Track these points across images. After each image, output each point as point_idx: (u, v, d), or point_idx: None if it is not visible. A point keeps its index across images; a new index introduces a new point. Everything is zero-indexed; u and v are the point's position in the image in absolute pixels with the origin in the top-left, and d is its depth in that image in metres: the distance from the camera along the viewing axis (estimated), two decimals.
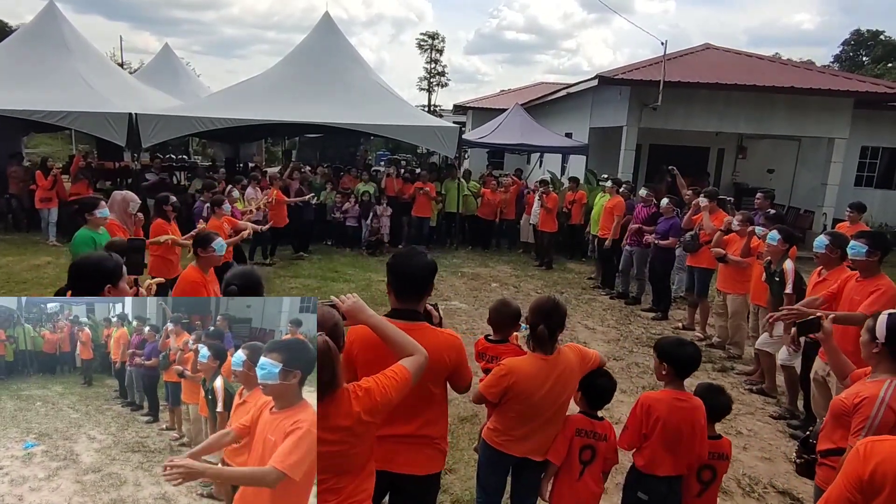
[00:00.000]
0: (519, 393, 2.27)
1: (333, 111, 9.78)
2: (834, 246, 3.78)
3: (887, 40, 29.58)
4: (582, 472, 2.39)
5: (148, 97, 11.38)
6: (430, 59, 43.50)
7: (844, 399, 2.19)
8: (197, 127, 9.42)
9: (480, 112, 20.63)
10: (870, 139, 13.09)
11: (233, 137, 15.22)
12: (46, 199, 9.13)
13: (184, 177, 13.81)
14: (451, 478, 3.35)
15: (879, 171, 13.68)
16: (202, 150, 24.35)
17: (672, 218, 6.55)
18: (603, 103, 12.32)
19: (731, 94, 10.85)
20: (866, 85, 11.59)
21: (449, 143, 9.88)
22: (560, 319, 2.30)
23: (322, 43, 10.89)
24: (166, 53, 16.46)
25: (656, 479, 2.34)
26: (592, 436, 2.39)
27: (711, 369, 5.30)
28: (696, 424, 2.33)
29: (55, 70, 9.85)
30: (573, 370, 2.32)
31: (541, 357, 2.28)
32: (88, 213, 4.10)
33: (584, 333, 6.17)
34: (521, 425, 2.35)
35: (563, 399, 2.35)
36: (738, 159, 14.42)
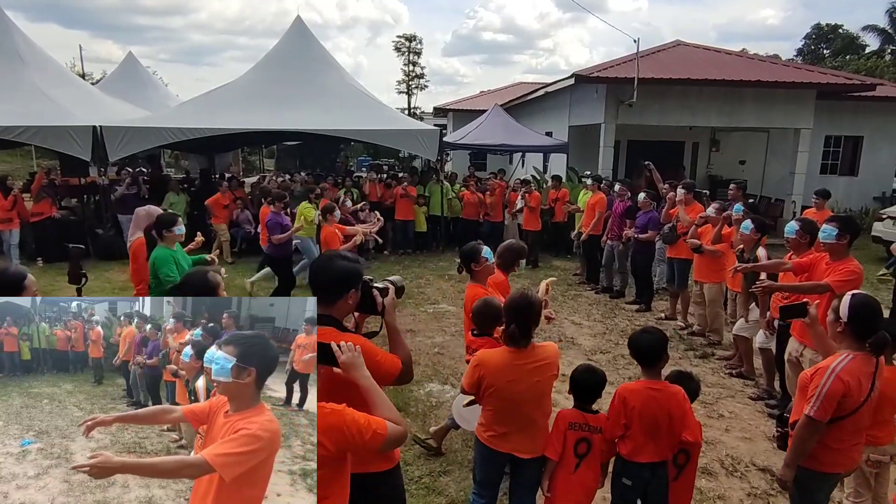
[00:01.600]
0: (491, 384, 2.37)
1: (311, 117, 9.69)
2: (804, 231, 3.96)
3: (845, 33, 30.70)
4: (578, 465, 2.46)
5: (113, 108, 11.02)
6: (409, 61, 43.46)
7: (806, 372, 2.34)
8: (168, 138, 9.16)
9: (461, 114, 20.75)
10: (832, 128, 13.61)
11: (207, 148, 14.89)
12: (6, 219, 8.63)
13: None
14: (446, 479, 3.38)
15: (842, 159, 14.23)
16: (175, 162, 23.93)
17: (650, 212, 6.76)
18: (581, 101, 12.56)
19: (702, 89, 11.17)
20: (827, 77, 12.09)
21: (430, 146, 9.92)
22: (533, 315, 2.37)
23: (295, 48, 10.76)
24: (130, 62, 15.88)
25: (639, 466, 2.43)
26: (586, 428, 2.47)
27: (693, 356, 5.49)
28: (673, 411, 2.40)
29: (9, 82, 9.37)
30: (550, 363, 2.39)
31: (513, 350, 2.37)
32: (166, 231, 4.04)
33: (570, 329, 6.32)
34: (502, 421, 2.43)
35: (541, 391, 2.40)
36: (712, 152, 14.83)
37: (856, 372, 2.23)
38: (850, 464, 2.35)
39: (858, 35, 29.65)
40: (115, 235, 9.53)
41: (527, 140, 11.84)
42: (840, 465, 2.34)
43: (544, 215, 9.38)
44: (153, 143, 9.43)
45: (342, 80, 11.03)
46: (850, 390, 2.21)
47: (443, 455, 3.63)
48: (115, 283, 7.98)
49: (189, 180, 14.05)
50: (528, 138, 11.91)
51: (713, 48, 14.10)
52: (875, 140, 13.86)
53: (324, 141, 14.64)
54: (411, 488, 3.32)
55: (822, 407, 2.21)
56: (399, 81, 44.31)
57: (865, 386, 2.24)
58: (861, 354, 2.25)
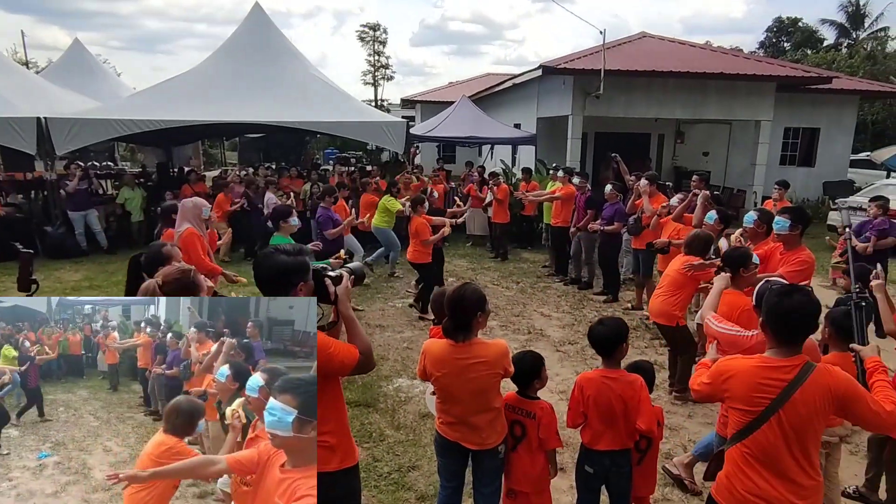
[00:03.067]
0: (432, 373, 2.44)
1: (272, 109, 9.38)
2: (761, 221, 4.08)
3: (805, 27, 31.69)
4: (514, 447, 2.54)
5: (59, 99, 10.43)
6: (374, 51, 42.81)
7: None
8: (119, 130, 8.73)
9: (429, 105, 20.53)
10: (791, 120, 14.03)
11: (164, 141, 14.33)
12: None
13: (111, 185, 12.95)
14: (416, 474, 3.37)
15: (801, 150, 14.71)
16: (130, 155, 22.96)
17: (616, 203, 6.78)
18: (548, 93, 12.55)
19: (667, 81, 11.31)
20: (786, 69, 12.40)
21: (396, 138, 9.74)
22: (469, 309, 2.33)
23: (253, 36, 10.36)
24: (77, 49, 14.89)
25: (599, 454, 2.50)
26: (520, 412, 2.52)
27: (659, 345, 5.53)
28: (629, 399, 2.44)
29: None
30: (487, 362, 2.36)
31: (452, 343, 2.39)
32: (283, 221, 4.54)
33: (540, 321, 6.29)
34: (446, 409, 2.49)
35: (478, 387, 2.38)
36: (677, 144, 15.11)
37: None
38: None
39: (817, 28, 30.69)
40: (65, 233, 9.06)
41: (495, 132, 11.77)
42: None
43: (513, 207, 9.34)
44: (104, 135, 8.97)
45: (305, 70, 10.70)
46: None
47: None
48: (66, 284, 7.58)
49: (146, 174, 13.47)
50: (497, 130, 11.85)
51: (678, 40, 14.33)
52: (831, 131, 14.35)
53: (288, 133, 14.30)
54: (380, 484, 3.29)
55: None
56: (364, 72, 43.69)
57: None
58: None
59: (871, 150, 17.79)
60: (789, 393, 1.77)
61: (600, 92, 10.65)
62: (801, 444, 1.80)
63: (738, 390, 1.85)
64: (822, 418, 1.80)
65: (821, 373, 1.80)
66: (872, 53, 24.11)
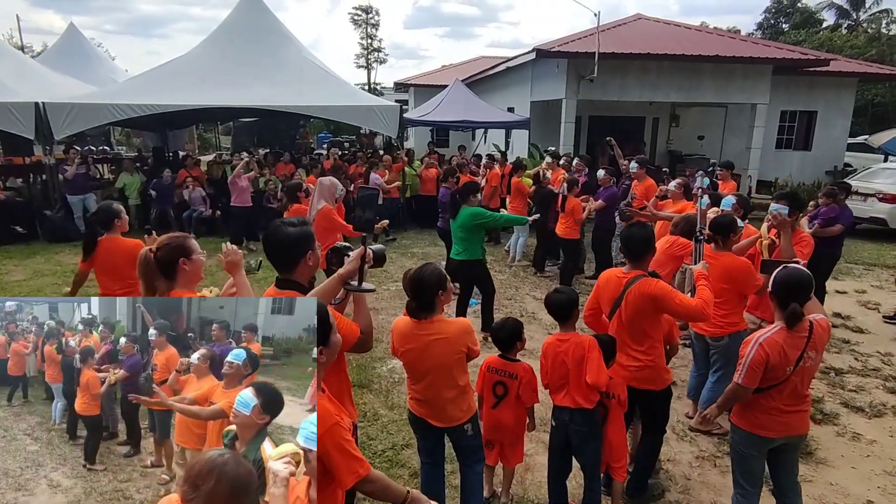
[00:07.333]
0: (398, 349, 2.55)
1: (266, 93, 9.33)
2: (738, 206, 4.36)
3: (804, 8, 31.32)
4: (496, 404, 2.79)
5: (56, 83, 10.44)
6: (366, 34, 42.20)
7: (746, 339, 2.43)
8: (116, 115, 8.73)
9: (422, 89, 20.37)
10: (788, 103, 13.96)
11: (159, 125, 14.27)
12: None
13: (107, 169, 12.92)
14: (409, 452, 3.45)
15: (797, 134, 14.65)
16: (126, 140, 22.82)
17: (610, 187, 6.81)
18: (542, 77, 12.47)
19: (662, 64, 11.24)
20: (783, 52, 12.32)
21: (390, 122, 9.70)
22: (429, 288, 2.42)
23: (247, 20, 10.29)
24: (72, 34, 14.83)
25: (559, 409, 2.75)
26: (503, 374, 2.77)
27: None
28: (578, 359, 2.63)
29: None
30: (448, 339, 2.44)
31: (413, 321, 2.49)
32: (472, 196, 4.94)
33: (532, 304, 6.38)
34: (412, 385, 2.61)
35: (440, 363, 2.45)
36: (672, 127, 15.05)
37: (779, 342, 2.31)
38: (783, 429, 2.44)
39: (816, 10, 30.33)
40: (64, 217, 9.11)
41: (489, 116, 11.72)
42: (772, 429, 2.43)
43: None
44: (101, 120, 9.00)
45: (299, 53, 10.63)
46: (771, 359, 2.30)
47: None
48: (66, 267, 7.61)
49: (142, 159, 13.44)
50: (490, 114, 11.80)
51: (673, 22, 14.17)
52: (828, 115, 14.28)
53: (282, 117, 14.20)
54: (375, 462, 3.37)
55: (748, 375, 2.34)
56: (357, 55, 43.14)
57: (791, 356, 2.31)
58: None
59: (869, 133, 17.73)
60: (623, 295, 2.79)
61: (594, 75, 10.60)
62: (631, 330, 2.82)
63: (604, 295, 2.97)
64: (645, 313, 2.77)
65: (642, 283, 2.76)
66: (878, 34, 23.83)
